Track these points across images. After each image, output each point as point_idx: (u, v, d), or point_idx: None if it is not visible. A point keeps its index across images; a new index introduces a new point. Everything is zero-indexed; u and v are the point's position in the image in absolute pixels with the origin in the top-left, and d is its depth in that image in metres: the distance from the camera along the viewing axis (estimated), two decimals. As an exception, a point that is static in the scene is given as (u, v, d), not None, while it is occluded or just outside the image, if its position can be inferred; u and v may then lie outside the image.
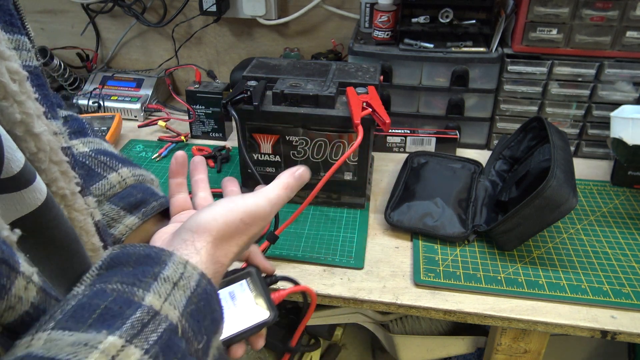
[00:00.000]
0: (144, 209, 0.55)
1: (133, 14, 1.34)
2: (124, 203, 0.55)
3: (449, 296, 0.76)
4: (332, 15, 1.31)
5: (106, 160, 0.57)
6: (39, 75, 0.40)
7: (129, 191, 0.56)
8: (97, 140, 0.60)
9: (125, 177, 0.57)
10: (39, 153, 0.35)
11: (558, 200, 0.76)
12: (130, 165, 0.59)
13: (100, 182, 0.55)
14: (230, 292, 0.53)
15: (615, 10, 0.97)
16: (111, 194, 0.55)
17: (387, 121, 0.81)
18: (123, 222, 0.54)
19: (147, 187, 0.58)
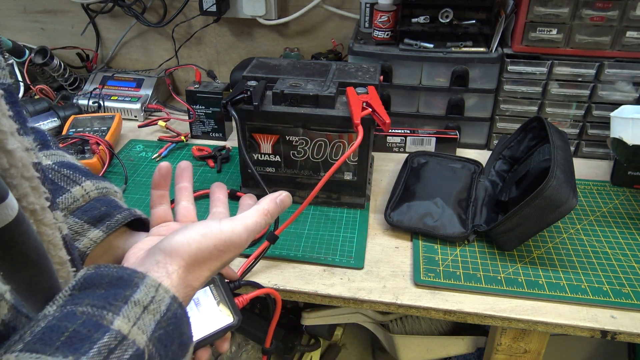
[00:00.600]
0: (108, 222, 0.55)
1: (133, 14, 1.34)
2: (87, 216, 0.55)
3: (449, 296, 0.76)
4: (332, 15, 1.31)
5: (69, 173, 0.57)
6: (12, 93, 0.41)
7: (92, 204, 0.56)
8: (59, 152, 0.60)
9: (89, 190, 0.57)
10: (11, 169, 0.36)
11: (558, 200, 0.76)
12: (94, 178, 0.59)
13: (64, 195, 0.55)
14: (195, 298, 0.53)
15: (615, 10, 0.97)
16: (75, 207, 0.55)
17: (387, 121, 0.81)
18: (87, 235, 0.54)
19: (110, 200, 0.58)
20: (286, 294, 0.78)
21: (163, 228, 0.58)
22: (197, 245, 0.44)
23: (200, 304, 0.54)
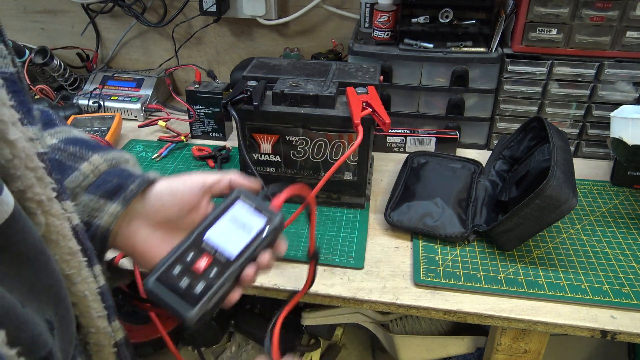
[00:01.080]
0: (124, 193, 0.53)
1: (133, 14, 1.34)
2: (101, 191, 0.53)
3: (449, 296, 0.76)
4: (332, 15, 1.31)
5: (76, 150, 0.55)
6: (15, 82, 0.40)
7: (104, 178, 0.54)
8: (65, 128, 0.59)
9: (98, 164, 0.55)
10: (14, 160, 0.35)
11: (558, 200, 0.76)
12: (101, 150, 0.57)
13: (74, 174, 0.53)
14: (231, 217, 0.53)
15: (615, 10, 0.97)
16: (86, 184, 0.53)
17: (387, 121, 0.81)
18: (106, 210, 0.52)
19: (121, 170, 0.56)
20: (286, 294, 0.78)
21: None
22: None
23: (238, 219, 0.53)
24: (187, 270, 0.50)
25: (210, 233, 0.52)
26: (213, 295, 0.49)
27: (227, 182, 0.56)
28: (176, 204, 0.54)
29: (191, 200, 0.54)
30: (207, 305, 0.49)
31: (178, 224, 0.55)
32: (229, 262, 0.51)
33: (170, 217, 0.54)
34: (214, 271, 0.50)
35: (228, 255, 0.51)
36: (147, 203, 0.54)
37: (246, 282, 0.52)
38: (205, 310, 0.49)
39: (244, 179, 0.56)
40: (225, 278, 0.50)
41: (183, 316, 0.48)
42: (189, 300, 0.49)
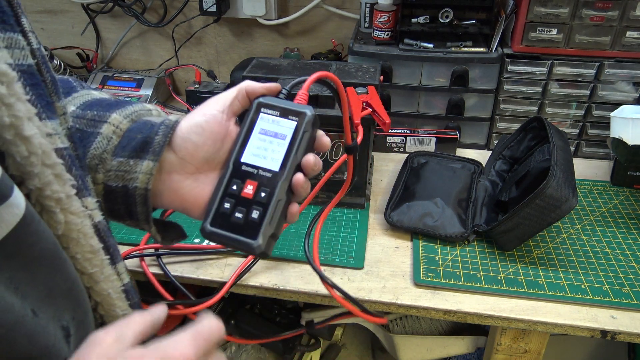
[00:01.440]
0: (152, 147, 0.50)
1: (133, 14, 1.34)
2: (128, 151, 0.50)
3: (449, 296, 0.76)
4: (332, 15, 1.31)
5: (94, 114, 0.52)
6: (34, 74, 0.39)
7: (128, 136, 0.51)
8: (83, 92, 0.56)
9: (118, 123, 0.51)
10: (31, 157, 0.34)
11: (558, 200, 0.76)
12: (120, 107, 0.53)
13: (96, 140, 0.50)
14: (260, 130, 0.50)
15: (615, 10, 0.97)
16: (112, 147, 0.50)
17: (387, 121, 0.81)
18: (139, 170, 0.49)
19: (143, 122, 0.52)
20: (286, 294, 0.78)
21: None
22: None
23: (268, 130, 0.50)
24: (238, 200, 0.48)
25: (246, 155, 0.50)
26: (272, 217, 0.48)
27: (244, 94, 0.52)
28: (208, 140, 0.50)
29: (219, 129, 0.51)
30: (269, 229, 0.48)
31: (218, 160, 0.51)
32: (275, 177, 0.48)
33: (207, 156, 0.51)
34: (263, 192, 0.48)
35: (272, 171, 0.49)
36: (178, 150, 0.50)
37: (299, 191, 0.49)
38: (271, 233, 0.48)
39: (259, 84, 0.52)
40: (277, 194, 0.48)
41: (251, 248, 0.47)
42: (250, 231, 0.47)
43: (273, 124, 0.50)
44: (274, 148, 0.49)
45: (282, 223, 0.50)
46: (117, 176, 0.49)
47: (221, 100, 0.52)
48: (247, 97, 0.52)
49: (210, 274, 0.80)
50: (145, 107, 0.56)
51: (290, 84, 0.52)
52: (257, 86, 0.52)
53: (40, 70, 0.40)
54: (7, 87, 0.33)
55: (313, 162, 0.49)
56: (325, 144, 0.52)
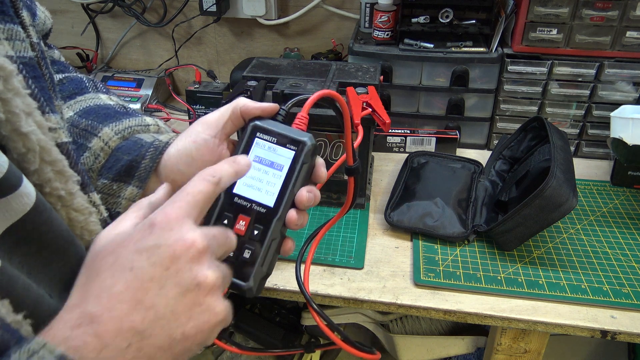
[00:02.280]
0: (137, 173, 0.46)
1: (133, 14, 1.34)
2: (113, 174, 0.46)
3: (449, 296, 0.76)
4: (332, 15, 1.31)
5: (87, 124, 0.48)
6: (35, 67, 0.38)
7: (115, 156, 0.47)
8: (89, 96, 0.53)
9: (108, 140, 0.48)
10: (28, 153, 0.34)
11: (558, 200, 0.76)
12: (116, 119, 0.49)
13: (85, 155, 0.47)
14: (255, 159, 0.45)
15: (615, 10, 0.97)
16: (98, 166, 0.47)
17: (387, 121, 0.81)
18: (122, 196, 0.46)
19: (134, 142, 0.48)
20: (286, 294, 0.78)
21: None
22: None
23: (264, 158, 0.46)
24: None
25: (239, 186, 0.45)
26: (265, 257, 0.44)
27: (238, 115, 0.47)
28: (198, 170, 0.44)
29: (211, 157, 0.47)
30: (262, 270, 0.44)
31: None
32: (269, 214, 0.44)
33: None
34: (256, 230, 0.44)
35: (266, 206, 0.45)
36: (165, 179, 0.46)
37: (292, 228, 0.46)
38: (263, 275, 0.45)
39: (254, 104, 0.47)
40: (271, 233, 0.44)
41: (241, 291, 0.44)
42: (241, 271, 0.44)
43: (269, 152, 0.45)
44: (269, 179, 0.45)
45: (275, 261, 0.47)
46: (101, 198, 0.46)
47: (213, 122, 0.47)
48: (241, 117, 0.47)
49: (210, 274, 0.79)
50: (144, 121, 0.51)
51: (288, 104, 0.48)
52: (252, 107, 0.47)
53: (39, 64, 0.39)
54: (3, 82, 0.32)
55: (306, 199, 0.45)
56: (322, 176, 0.47)
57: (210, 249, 0.36)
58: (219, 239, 0.37)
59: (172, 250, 0.33)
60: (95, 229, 0.40)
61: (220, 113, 0.47)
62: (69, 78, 0.55)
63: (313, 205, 0.46)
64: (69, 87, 0.53)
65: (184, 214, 0.35)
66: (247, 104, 0.46)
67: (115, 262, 0.33)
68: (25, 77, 0.35)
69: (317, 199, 0.45)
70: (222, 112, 0.47)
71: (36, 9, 0.52)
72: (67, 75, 0.55)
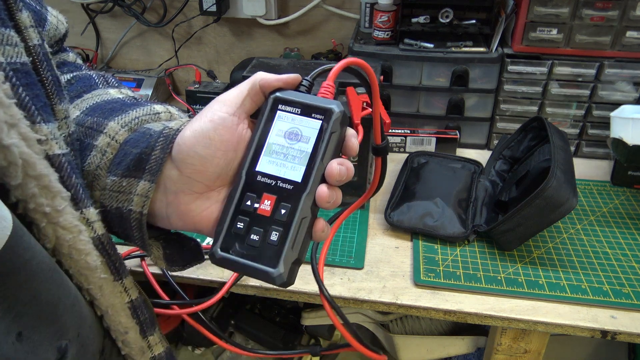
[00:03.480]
0: (148, 166, 0.42)
1: (133, 14, 1.34)
2: (122, 169, 0.42)
3: (449, 296, 0.76)
4: (332, 15, 1.31)
5: (93, 122, 0.45)
6: (29, 73, 0.36)
7: (123, 150, 0.43)
8: (96, 92, 0.49)
9: (114, 134, 0.44)
10: (10, 167, 0.31)
11: (558, 200, 0.76)
12: (123, 112, 0.46)
13: (92, 154, 0.44)
14: (278, 132, 0.42)
15: (615, 10, 0.97)
16: (107, 163, 0.43)
17: (387, 121, 0.81)
18: (134, 192, 0.42)
19: (142, 133, 0.44)
20: (286, 294, 0.78)
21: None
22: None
23: (290, 133, 0.42)
24: (253, 219, 0.40)
25: (261, 163, 0.41)
26: (295, 239, 0.40)
27: (257, 90, 0.43)
28: (217, 152, 0.41)
29: (231, 137, 0.41)
30: (292, 254, 0.40)
31: (232, 172, 0.43)
32: (297, 190, 0.40)
33: (218, 170, 0.42)
34: (283, 209, 0.40)
35: (293, 182, 0.40)
36: (183, 167, 0.41)
37: (324, 206, 0.41)
38: (294, 259, 0.40)
39: (274, 76, 0.43)
40: (300, 211, 0.40)
41: (270, 278, 0.39)
42: (269, 257, 0.39)
43: (293, 124, 0.41)
44: (295, 154, 0.41)
45: (307, 245, 0.41)
46: (110, 196, 0.43)
47: (231, 99, 0.43)
48: (261, 92, 0.43)
49: (210, 274, 0.80)
50: (153, 109, 0.47)
51: (312, 74, 0.44)
52: (272, 78, 0.43)
53: (37, 69, 0.37)
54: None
55: (337, 172, 0.40)
56: (354, 148, 0.42)
57: None
58: None
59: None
60: (84, 248, 0.37)
61: (239, 90, 0.43)
62: (78, 77, 0.52)
63: (347, 180, 0.41)
64: (77, 87, 0.51)
65: None
66: (265, 77, 0.43)
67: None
68: (15, 84, 0.33)
69: (350, 172, 0.41)
70: (240, 88, 0.43)
71: (47, 14, 0.51)
72: (75, 75, 0.52)
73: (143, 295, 0.45)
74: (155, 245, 0.45)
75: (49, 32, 0.51)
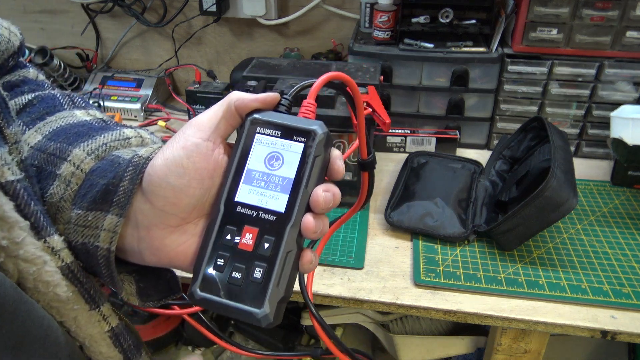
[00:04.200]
0: (115, 198, 0.38)
1: (133, 14, 1.34)
2: (87, 202, 0.38)
3: (449, 296, 0.76)
4: (332, 15, 1.31)
5: (55, 148, 0.41)
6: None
7: (89, 181, 0.39)
8: (61, 114, 0.45)
9: (79, 162, 0.40)
10: None
11: (558, 200, 0.76)
12: (90, 137, 0.42)
13: (54, 184, 0.39)
14: (257, 158, 0.39)
15: (615, 10, 0.97)
16: (70, 195, 0.39)
17: (387, 121, 0.81)
18: (101, 227, 0.38)
19: (110, 161, 0.40)
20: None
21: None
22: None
23: (266, 155, 0.39)
24: (234, 255, 0.37)
25: (241, 193, 0.38)
26: (281, 275, 0.37)
27: (233, 112, 0.39)
28: (192, 181, 0.38)
29: (206, 164, 0.38)
30: (278, 292, 0.37)
31: (209, 202, 0.40)
32: (281, 221, 0.37)
33: (193, 201, 0.38)
34: (267, 242, 0.37)
35: (276, 212, 0.38)
36: (154, 199, 0.38)
37: (310, 237, 0.38)
38: (280, 298, 0.37)
39: (251, 96, 0.40)
40: (285, 244, 0.37)
41: (255, 319, 0.36)
42: (253, 296, 0.36)
43: (273, 148, 0.39)
44: (277, 181, 0.38)
45: (293, 279, 0.38)
46: (75, 231, 0.39)
47: (205, 123, 0.39)
48: (237, 114, 0.39)
49: (210, 274, 0.79)
50: (123, 134, 0.43)
51: (292, 91, 0.41)
52: (248, 99, 0.39)
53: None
54: None
55: (323, 200, 0.37)
56: (339, 171, 0.39)
57: None
58: None
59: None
60: (51, 279, 0.35)
61: (213, 112, 0.39)
62: (40, 97, 0.47)
63: (333, 207, 0.38)
64: (39, 108, 0.46)
65: None
66: (241, 97, 0.39)
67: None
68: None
69: (337, 198, 0.38)
70: (214, 110, 0.40)
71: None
72: (37, 95, 0.48)
73: (124, 321, 0.42)
74: (127, 280, 0.42)
75: (0, 46, 0.46)
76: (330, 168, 0.39)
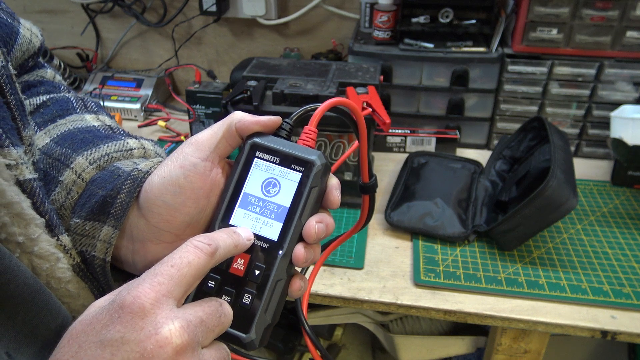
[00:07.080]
0: (113, 210, 0.39)
1: (133, 14, 1.34)
2: (86, 212, 0.39)
3: (449, 296, 0.76)
4: (332, 15, 1.31)
5: (61, 153, 0.41)
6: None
7: (89, 191, 0.40)
8: (71, 118, 0.46)
9: (81, 171, 0.40)
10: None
11: (558, 200, 0.76)
12: (94, 145, 0.42)
13: (56, 190, 0.40)
14: (254, 183, 0.39)
15: (615, 10, 0.97)
16: (71, 203, 0.40)
17: (387, 121, 0.81)
18: (97, 237, 0.39)
19: (110, 172, 0.41)
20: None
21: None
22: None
23: (264, 181, 0.39)
24: (225, 279, 0.38)
25: (235, 217, 0.39)
26: (269, 303, 0.37)
27: (233, 133, 0.39)
28: (188, 200, 0.38)
29: (202, 184, 0.39)
30: (265, 319, 0.37)
31: (203, 220, 0.40)
32: (273, 249, 0.38)
33: (188, 219, 0.39)
34: (257, 270, 0.38)
35: (269, 240, 0.38)
36: (150, 216, 0.39)
37: (300, 266, 0.39)
38: (267, 325, 0.38)
39: (252, 118, 0.39)
40: (275, 273, 0.37)
41: (242, 344, 0.37)
42: (240, 321, 0.37)
43: (271, 174, 0.39)
44: (272, 208, 0.38)
45: (281, 306, 0.39)
46: (74, 239, 0.40)
47: (204, 142, 0.39)
48: (237, 135, 0.40)
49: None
50: (126, 144, 0.44)
51: (293, 116, 0.41)
52: (250, 121, 0.39)
53: (2, 91, 0.35)
54: None
55: (315, 233, 0.37)
56: (335, 201, 0.40)
57: (194, 342, 0.30)
58: (209, 323, 0.31)
59: (142, 348, 0.27)
60: (63, 276, 0.35)
61: (213, 131, 0.39)
62: (54, 99, 0.48)
63: (326, 237, 0.39)
64: (52, 110, 0.47)
65: (164, 293, 0.29)
66: (243, 118, 0.39)
67: (77, 355, 0.28)
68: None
69: (330, 228, 0.39)
70: (214, 129, 0.40)
71: (19, 27, 0.47)
72: (52, 97, 0.48)
73: None
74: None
75: (22, 46, 0.47)
76: (326, 198, 0.40)
